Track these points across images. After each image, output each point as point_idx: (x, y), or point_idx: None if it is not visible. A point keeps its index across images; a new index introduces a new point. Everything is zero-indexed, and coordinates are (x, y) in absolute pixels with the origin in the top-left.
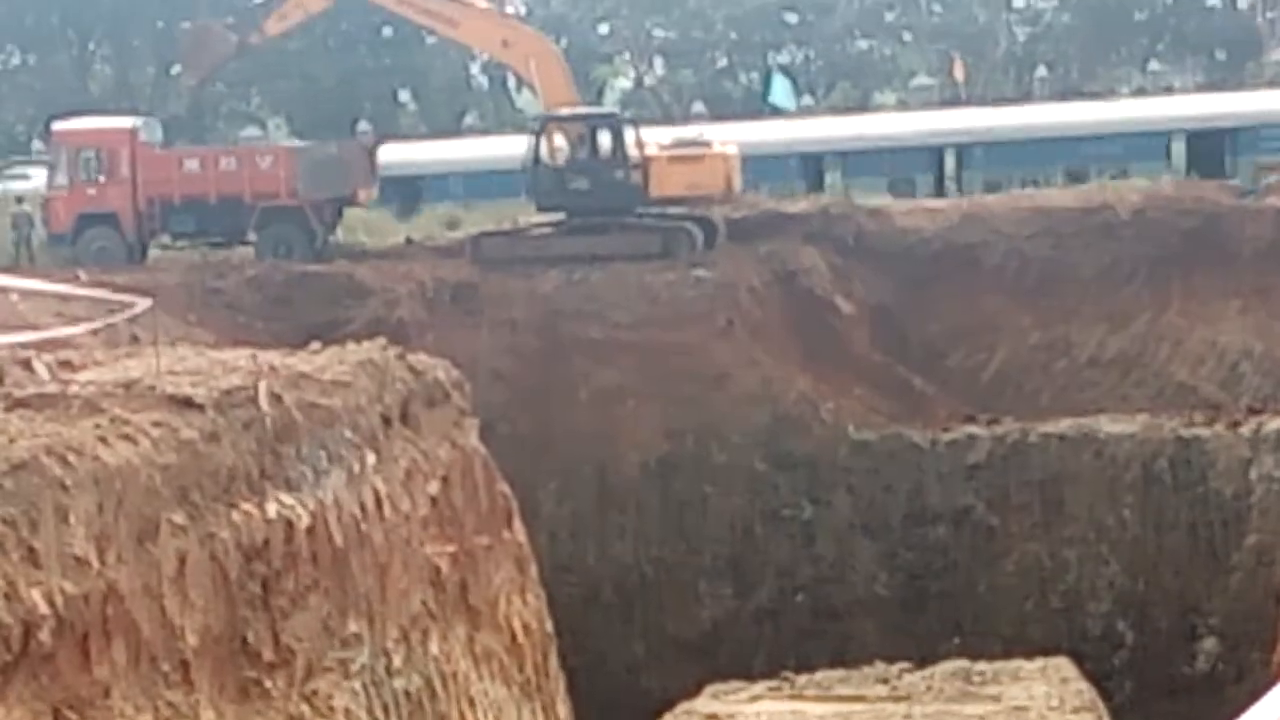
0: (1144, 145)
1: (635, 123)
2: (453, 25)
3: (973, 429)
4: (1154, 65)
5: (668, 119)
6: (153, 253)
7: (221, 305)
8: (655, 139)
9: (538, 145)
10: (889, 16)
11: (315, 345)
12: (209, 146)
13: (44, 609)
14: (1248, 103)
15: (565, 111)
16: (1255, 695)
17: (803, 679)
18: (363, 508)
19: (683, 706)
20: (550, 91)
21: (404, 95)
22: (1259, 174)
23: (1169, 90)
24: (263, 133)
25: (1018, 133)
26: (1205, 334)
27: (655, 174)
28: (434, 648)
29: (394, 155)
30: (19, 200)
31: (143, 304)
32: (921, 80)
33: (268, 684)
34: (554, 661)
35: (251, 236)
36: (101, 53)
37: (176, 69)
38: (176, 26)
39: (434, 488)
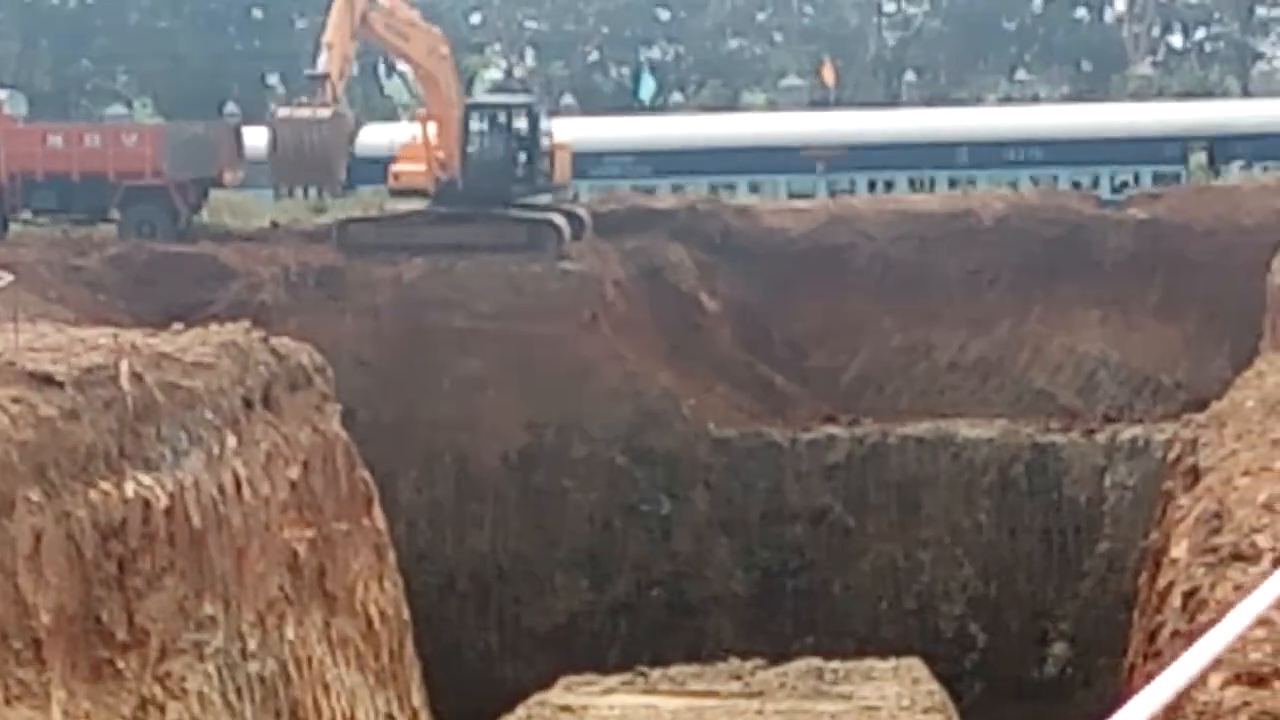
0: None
1: (551, 111)
2: (406, 40)
3: (833, 429)
4: (1021, 74)
5: None
6: (13, 228)
7: (83, 283)
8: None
9: (484, 134)
10: (760, 16)
11: (178, 326)
12: (74, 123)
13: None
14: None
15: (495, 99)
16: (1103, 700)
17: (657, 673)
18: (222, 490)
19: (536, 698)
20: (451, 90)
21: (273, 78)
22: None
23: (1035, 99)
24: (128, 111)
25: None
26: (1065, 342)
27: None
28: (290, 632)
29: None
30: None
31: (3, 279)
32: (791, 81)
33: (121, 664)
34: (409, 649)
35: (115, 215)
36: None
37: (42, 43)
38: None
39: (294, 472)
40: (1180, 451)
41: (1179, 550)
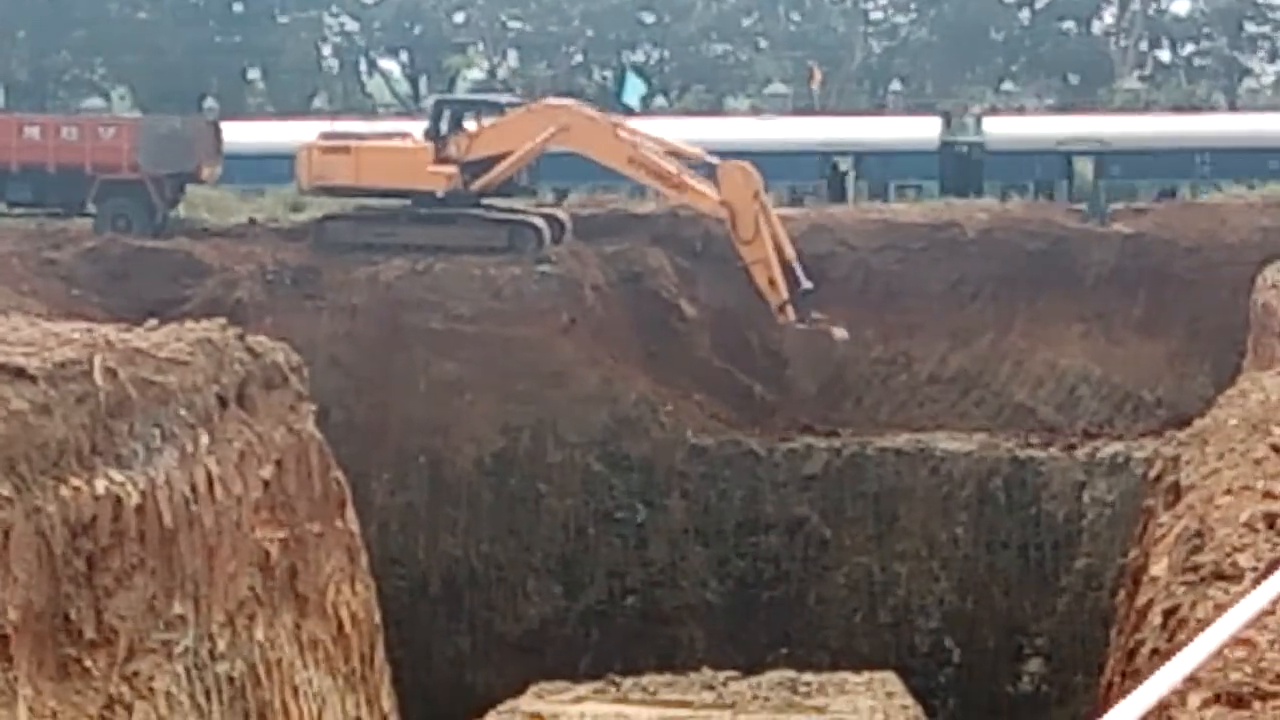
0: None
1: None
2: (681, 190)
3: (810, 440)
4: (1008, 85)
5: None
6: None
7: (57, 277)
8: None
9: None
10: (746, 22)
11: (152, 322)
12: (51, 115)
13: None
14: None
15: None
16: (1077, 718)
17: (629, 682)
18: (194, 488)
19: (507, 704)
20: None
21: (253, 73)
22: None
23: (1021, 110)
24: (106, 103)
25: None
26: (1046, 356)
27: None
28: (260, 633)
29: None
30: None
31: None
32: (776, 88)
33: (88, 663)
34: (380, 653)
35: (90, 208)
36: None
37: (20, 34)
38: None
39: (267, 471)
40: (1161, 469)
41: (1159, 568)
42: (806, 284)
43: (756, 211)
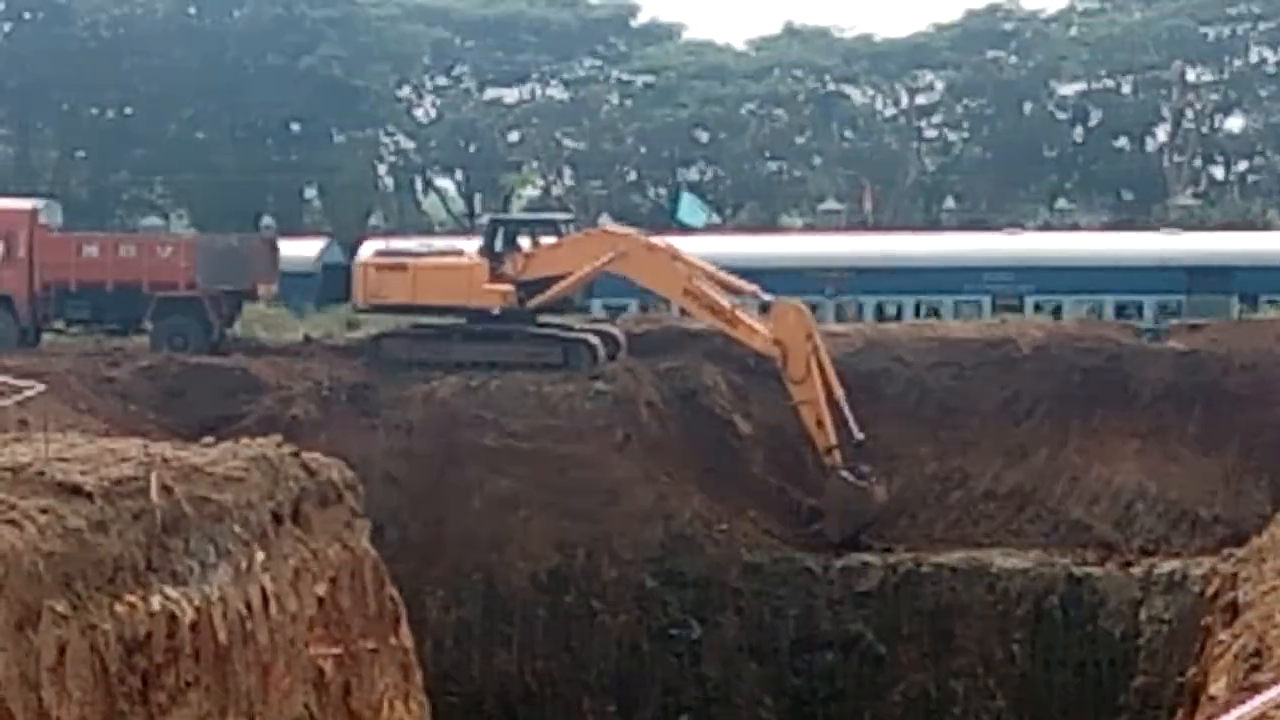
0: None
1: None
2: (733, 326)
3: (865, 556)
4: (1061, 203)
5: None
6: (46, 338)
7: (114, 394)
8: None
9: None
10: (799, 139)
11: (208, 439)
12: (109, 233)
13: None
14: None
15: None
16: None
17: None
18: (249, 605)
19: None
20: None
21: (310, 192)
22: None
23: (1075, 227)
24: (164, 222)
25: None
26: (1101, 472)
27: None
28: None
29: None
30: None
31: (34, 389)
32: (830, 204)
33: None
34: None
35: (148, 326)
36: (2, 133)
37: (80, 153)
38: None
39: (322, 588)
40: (1219, 586)
41: (1218, 687)
42: (859, 435)
43: (809, 352)
